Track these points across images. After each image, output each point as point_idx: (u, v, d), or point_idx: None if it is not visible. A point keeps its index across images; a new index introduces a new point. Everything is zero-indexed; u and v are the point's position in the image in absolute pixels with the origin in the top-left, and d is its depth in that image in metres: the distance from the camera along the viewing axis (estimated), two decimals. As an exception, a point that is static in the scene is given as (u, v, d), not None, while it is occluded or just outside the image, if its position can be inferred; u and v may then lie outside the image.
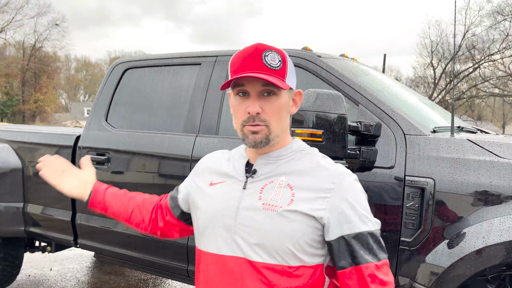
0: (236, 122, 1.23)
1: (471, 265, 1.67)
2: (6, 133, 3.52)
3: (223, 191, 1.26)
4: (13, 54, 42.71)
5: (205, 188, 1.32)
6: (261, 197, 1.18)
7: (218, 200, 1.25)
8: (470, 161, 1.81)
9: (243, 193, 1.21)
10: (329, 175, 1.21)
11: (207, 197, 1.29)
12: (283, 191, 1.18)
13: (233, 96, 1.24)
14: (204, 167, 1.39)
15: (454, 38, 2.17)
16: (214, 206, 1.26)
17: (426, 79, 30.18)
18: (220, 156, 1.39)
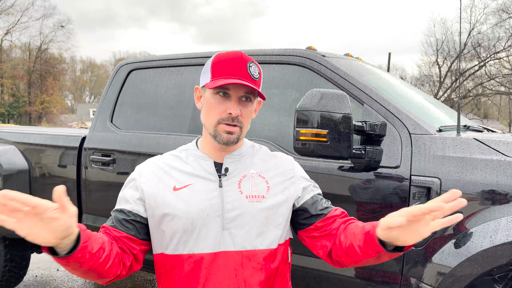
0: (210, 118, 1.31)
1: (478, 264, 1.66)
2: (13, 134, 3.54)
3: (197, 192, 1.30)
4: (19, 56, 43.06)
5: (167, 195, 1.30)
6: (242, 191, 1.32)
7: (196, 201, 1.28)
8: (477, 160, 1.80)
9: (222, 191, 1.31)
10: (284, 160, 1.46)
11: (179, 201, 1.29)
12: (258, 181, 1.36)
13: (210, 93, 1.31)
14: (149, 176, 1.35)
15: (460, 36, 2.15)
16: (194, 208, 1.27)
17: (432, 77, 30.03)
18: (162, 163, 1.39)
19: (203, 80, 1.35)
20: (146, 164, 1.40)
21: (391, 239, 1.11)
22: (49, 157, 3.24)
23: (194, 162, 1.35)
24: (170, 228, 1.29)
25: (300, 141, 1.84)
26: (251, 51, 2.62)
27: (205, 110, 1.34)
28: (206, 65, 1.35)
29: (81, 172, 3.02)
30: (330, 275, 2.09)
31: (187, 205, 1.28)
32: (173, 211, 1.28)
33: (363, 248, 1.20)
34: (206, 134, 1.38)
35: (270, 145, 2.31)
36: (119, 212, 1.34)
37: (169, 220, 1.29)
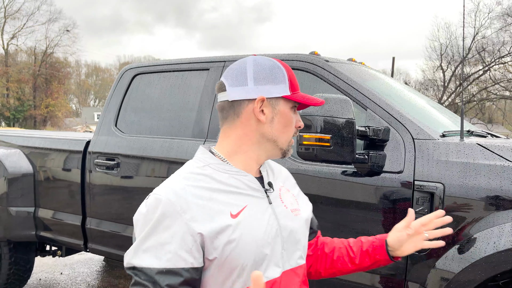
0: (287, 134, 1.19)
1: (482, 270, 1.65)
2: (18, 138, 3.57)
3: (255, 213, 1.12)
4: (24, 60, 43.38)
5: (224, 221, 1.05)
6: (286, 205, 1.23)
7: (259, 225, 1.11)
8: (480, 165, 1.80)
9: (274, 208, 1.17)
10: (283, 172, 1.37)
11: (243, 229, 1.07)
12: (289, 195, 1.28)
13: (287, 107, 1.18)
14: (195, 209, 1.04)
15: (463, 41, 2.15)
16: (260, 233, 1.10)
17: (436, 82, 29.97)
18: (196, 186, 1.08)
19: (275, 90, 1.16)
20: (178, 192, 1.05)
21: (396, 246, 1.31)
22: (53, 161, 3.27)
23: (232, 179, 1.13)
24: (235, 265, 1.06)
25: (303, 145, 1.85)
26: (254, 56, 2.63)
27: (280, 124, 1.17)
28: (274, 73, 1.16)
29: (85, 175, 3.04)
30: (332, 280, 2.08)
31: (252, 232, 1.08)
32: (239, 242, 1.05)
33: (360, 258, 1.35)
34: (252, 148, 1.17)
35: (273, 149, 2.31)
36: (172, 275, 1.00)
37: (236, 255, 1.05)
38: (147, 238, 1.03)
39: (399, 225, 1.33)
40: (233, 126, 1.17)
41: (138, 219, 1.08)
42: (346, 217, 2.05)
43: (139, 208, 1.09)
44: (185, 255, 1.01)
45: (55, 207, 3.23)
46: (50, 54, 42.30)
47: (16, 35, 41.12)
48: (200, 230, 1.02)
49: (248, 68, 1.16)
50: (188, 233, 1.01)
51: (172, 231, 1.01)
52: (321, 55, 2.52)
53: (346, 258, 1.36)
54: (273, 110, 1.16)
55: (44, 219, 3.27)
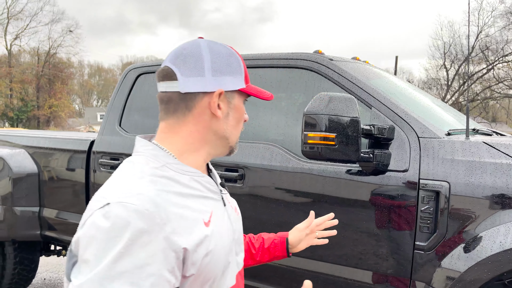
0: (237, 130, 1.09)
1: (488, 269, 1.64)
2: (22, 138, 3.58)
3: (219, 220, 1.02)
4: (28, 60, 43.52)
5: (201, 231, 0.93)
6: (232, 205, 1.15)
7: (222, 233, 1.01)
8: (486, 164, 1.79)
9: (228, 211, 1.08)
10: None
11: (216, 237, 0.97)
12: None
13: (240, 100, 1.07)
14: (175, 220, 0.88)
15: (468, 39, 2.15)
16: (224, 241, 1.01)
17: (439, 81, 29.89)
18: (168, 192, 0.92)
19: (232, 83, 1.03)
20: (155, 200, 0.87)
21: (295, 244, 1.44)
22: (58, 161, 3.28)
23: (193, 181, 0.99)
24: (209, 278, 0.95)
25: (308, 144, 1.85)
26: (258, 55, 2.63)
27: (234, 120, 1.05)
28: (233, 63, 1.04)
29: (90, 175, 3.04)
30: (338, 279, 2.08)
31: (222, 239, 0.99)
32: (214, 253, 0.95)
33: (260, 255, 1.41)
34: (205, 146, 1.04)
35: (277, 148, 2.31)
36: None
37: (210, 267, 0.95)
38: (118, 261, 0.79)
39: (301, 225, 1.46)
40: (184, 121, 1.01)
41: (94, 236, 0.82)
42: (351, 216, 2.05)
43: (94, 220, 0.84)
44: (169, 276, 0.84)
45: (60, 207, 3.24)
46: (53, 55, 42.44)
47: (19, 36, 41.27)
48: (184, 244, 0.87)
49: (205, 55, 1.00)
50: (171, 249, 0.84)
51: (152, 249, 0.82)
52: (325, 54, 2.52)
53: (247, 254, 1.38)
54: (229, 105, 1.03)
55: (49, 218, 3.28)
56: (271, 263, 2.26)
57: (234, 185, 2.38)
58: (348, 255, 2.05)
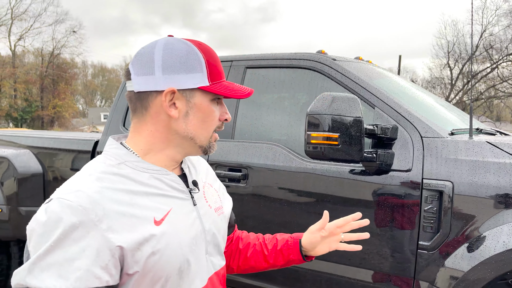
0: (207, 129, 1.04)
1: (491, 269, 1.64)
2: (27, 139, 3.60)
3: (180, 219, 0.99)
4: (32, 61, 43.70)
5: (147, 230, 0.92)
6: (210, 205, 1.12)
7: (180, 232, 0.98)
8: (490, 163, 1.79)
9: (198, 210, 1.06)
10: (204, 164, 1.25)
11: (168, 236, 0.95)
12: (212, 190, 1.18)
13: (207, 99, 1.02)
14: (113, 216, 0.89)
15: (472, 38, 2.14)
16: (186, 238, 0.99)
17: (443, 80, 29.79)
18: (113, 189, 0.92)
19: (189, 81, 0.99)
20: (92, 197, 0.88)
21: (309, 247, 1.29)
22: (62, 161, 3.29)
23: (153, 179, 0.98)
24: (159, 276, 0.94)
25: (311, 144, 1.85)
26: (261, 56, 2.64)
27: (197, 119, 1.01)
28: (190, 60, 0.99)
29: (94, 175, 3.06)
30: (341, 278, 2.08)
31: (178, 238, 0.97)
32: (164, 252, 0.93)
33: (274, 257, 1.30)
34: (169, 146, 1.03)
35: (281, 148, 2.32)
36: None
37: (160, 266, 0.93)
38: (48, 253, 0.83)
39: (313, 227, 1.29)
40: (143, 121, 1.01)
41: (34, 229, 0.86)
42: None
43: (36, 215, 0.88)
44: (99, 272, 0.84)
45: (64, 207, 3.27)
46: (57, 55, 42.60)
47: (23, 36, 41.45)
48: (120, 242, 0.87)
49: (157, 53, 0.98)
50: (105, 246, 0.85)
51: (83, 244, 0.84)
52: (328, 54, 2.52)
53: (260, 256, 1.30)
54: (188, 104, 1.00)
55: (54, 218, 3.30)
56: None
57: (237, 185, 2.39)
58: (351, 255, 2.05)
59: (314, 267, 2.17)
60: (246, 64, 2.63)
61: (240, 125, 2.54)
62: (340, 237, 1.29)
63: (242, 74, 2.62)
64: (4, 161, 3.34)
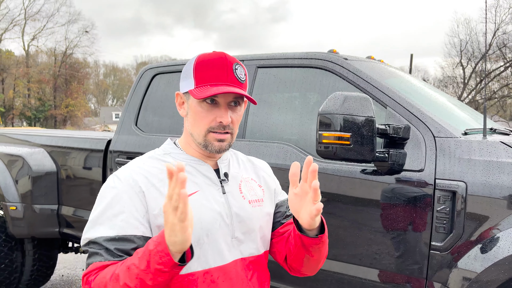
0: (199, 128, 1.21)
1: (505, 270, 1.63)
2: (41, 137, 3.66)
3: (206, 199, 1.18)
4: (45, 61, 44.25)
5: None
6: (244, 196, 1.28)
7: (208, 210, 1.17)
8: (504, 163, 1.77)
9: (227, 197, 1.24)
10: (263, 164, 1.45)
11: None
12: (253, 185, 1.33)
13: (195, 101, 1.20)
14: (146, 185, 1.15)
15: (486, 36, 2.12)
16: (207, 217, 1.16)
17: (455, 79, 29.45)
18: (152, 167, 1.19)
19: (185, 85, 1.22)
20: (133, 170, 1.18)
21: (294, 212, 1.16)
22: (75, 160, 3.34)
23: (189, 166, 1.21)
24: None
25: (323, 144, 1.85)
26: (272, 55, 2.64)
27: (191, 118, 1.22)
28: (187, 69, 1.23)
29: (107, 174, 3.09)
30: (352, 278, 2.08)
31: (199, 215, 1.15)
32: None
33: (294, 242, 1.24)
34: (191, 141, 1.26)
35: (292, 148, 2.32)
36: (122, 241, 1.08)
37: None
38: (102, 213, 1.13)
39: None
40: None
41: (96, 199, 1.19)
42: (365, 216, 2.04)
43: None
44: (136, 223, 1.11)
45: (78, 205, 3.30)
46: (70, 55, 43.06)
47: (37, 37, 41.98)
48: (148, 208, 1.13)
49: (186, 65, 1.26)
50: (140, 207, 1.12)
51: (123, 204, 1.12)
52: (339, 53, 2.51)
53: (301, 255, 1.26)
54: (187, 105, 1.24)
55: (67, 216, 3.35)
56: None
57: (248, 184, 2.39)
58: (362, 255, 2.05)
59: (325, 267, 2.16)
60: (257, 63, 2.64)
61: (251, 124, 2.55)
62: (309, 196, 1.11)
63: (253, 73, 2.62)
64: (18, 159, 3.40)
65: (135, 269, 0.99)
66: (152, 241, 1.01)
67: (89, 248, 1.10)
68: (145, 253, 0.99)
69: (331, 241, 2.15)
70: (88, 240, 1.11)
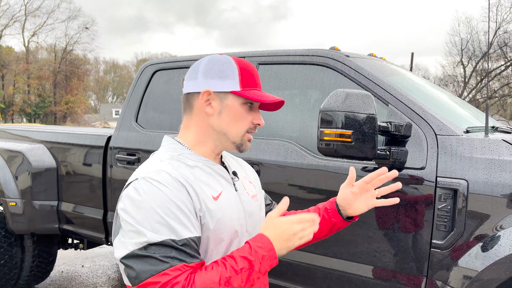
0: (238, 128, 1.25)
1: (506, 268, 1.62)
2: (41, 133, 3.65)
3: (228, 199, 1.24)
4: (45, 57, 44.21)
5: (210, 205, 1.18)
6: (248, 192, 1.35)
7: (233, 208, 1.24)
8: (506, 162, 1.76)
9: (239, 195, 1.30)
10: (244, 163, 1.48)
11: (223, 210, 1.20)
12: (247, 182, 1.39)
13: (238, 102, 1.23)
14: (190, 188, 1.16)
15: (489, 35, 2.11)
16: (235, 215, 1.24)
17: (456, 77, 29.43)
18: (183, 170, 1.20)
19: (223, 85, 1.23)
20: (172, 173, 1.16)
21: (345, 204, 1.42)
22: (75, 156, 3.33)
23: (206, 167, 1.24)
24: (221, 238, 1.20)
25: (324, 141, 1.84)
26: (274, 52, 2.63)
27: (228, 118, 1.24)
28: (225, 69, 1.23)
29: (107, 170, 3.09)
30: (352, 276, 2.08)
31: (230, 214, 1.22)
32: (222, 221, 1.18)
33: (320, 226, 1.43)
34: (209, 139, 1.26)
35: (293, 145, 2.31)
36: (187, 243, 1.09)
37: (219, 232, 1.19)
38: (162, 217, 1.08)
39: (343, 184, 1.43)
40: (190, 118, 1.27)
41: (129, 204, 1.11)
42: (366, 214, 2.03)
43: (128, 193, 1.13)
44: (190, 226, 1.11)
45: (78, 201, 3.30)
46: (70, 51, 43.03)
47: (37, 33, 41.96)
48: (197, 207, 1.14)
49: (202, 64, 1.25)
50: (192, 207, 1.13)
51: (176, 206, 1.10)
52: (341, 50, 2.50)
53: None
54: (221, 104, 1.23)
55: (67, 212, 3.34)
56: (285, 260, 2.26)
57: (249, 181, 2.39)
58: (363, 253, 2.05)
59: (325, 265, 2.16)
60: (259, 60, 2.63)
61: (252, 121, 2.54)
62: (374, 192, 1.41)
63: (255, 70, 2.62)
64: (18, 155, 3.39)
65: (246, 272, 1.08)
66: (260, 247, 1.11)
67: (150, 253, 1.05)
68: (258, 257, 1.09)
69: (331, 239, 2.15)
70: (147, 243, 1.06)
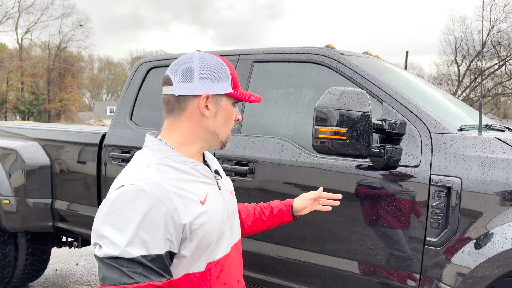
0: (227, 128, 1.31)
1: (499, 265, 1.64)
2: (35, 131, 3.62)
3: (214, 200, 1.26)
4: (39, 54, 43.89)
5: (197, 209, 1.17)
6: (227, 189, 1.39)
7: (217, 210, 1.26)
8: (499, 160, 1.78)
9: (222, 193, 1.33)
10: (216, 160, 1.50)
11: (210, 213, 1.21)
12: (224, 178, 1.44)
13: (229, 103, 1.29)
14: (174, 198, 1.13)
15: (482, 34, 2.12)
16: (220, 215, 1.27)
17: (450, 76, 29.58)
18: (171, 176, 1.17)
19: (219, 88, 1.25)
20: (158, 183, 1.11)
21: (300, 209, 1.71)
22: (69, 153, 3.31)
23: (191, 169, 1.23)
24: (208, 243, 1.21)
25: (319, 139, 1.85)
26: (269, 50, 2.63)
27: (222, 119, 1.27)
28: (220, 72, 1.25)
29: (101, 168, 3.07)
30: (347, 273, 2.08)
31: (215, 215, 1.24)
32: (209, 226, 1.20)
33: (271, 220, 1.68)
34: (198, 140, 1.27)
35: (288, 143, 2.32)
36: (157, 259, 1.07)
37: (207, 236, 1.19)
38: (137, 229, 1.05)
39: (308, 195, 1.71)
40: (179, 120, 1.25)
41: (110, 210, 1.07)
42: (360, 211, 2.05)
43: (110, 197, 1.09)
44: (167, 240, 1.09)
45: (72, 199, 3.29)
46: (64, 49, 42.74)
47: (30, 30, 41.62)
48: (183, 220, 1.12)
49: (195, 65, 1.24)
50: (171, 222, 1.10)
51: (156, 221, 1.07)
52: (336, 48, 2.50)
53: (260, 222, 1.67)
54: (217, 106, 1.26)
55: (61, 210, 3.33)
56: (280, 257, 2.27)
57: (244, 179, 2.39)
58: (357, 250, 2.05)
59: (320, 262, 2.17)
60: (254, 58, 2.63)
61: (247, 119, 2.54)
62: (319, 201, 1.74)
63: (250, 68, 2.61)
64: (12, 153, 3.37)
65: None
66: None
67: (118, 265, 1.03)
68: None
69: (326, 236, 2.16)
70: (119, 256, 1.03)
